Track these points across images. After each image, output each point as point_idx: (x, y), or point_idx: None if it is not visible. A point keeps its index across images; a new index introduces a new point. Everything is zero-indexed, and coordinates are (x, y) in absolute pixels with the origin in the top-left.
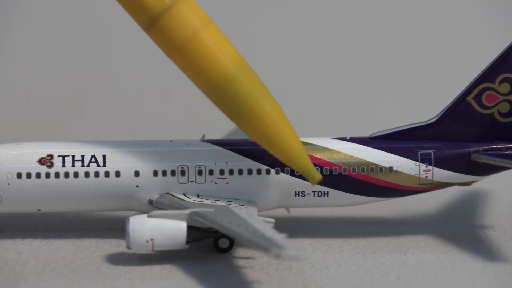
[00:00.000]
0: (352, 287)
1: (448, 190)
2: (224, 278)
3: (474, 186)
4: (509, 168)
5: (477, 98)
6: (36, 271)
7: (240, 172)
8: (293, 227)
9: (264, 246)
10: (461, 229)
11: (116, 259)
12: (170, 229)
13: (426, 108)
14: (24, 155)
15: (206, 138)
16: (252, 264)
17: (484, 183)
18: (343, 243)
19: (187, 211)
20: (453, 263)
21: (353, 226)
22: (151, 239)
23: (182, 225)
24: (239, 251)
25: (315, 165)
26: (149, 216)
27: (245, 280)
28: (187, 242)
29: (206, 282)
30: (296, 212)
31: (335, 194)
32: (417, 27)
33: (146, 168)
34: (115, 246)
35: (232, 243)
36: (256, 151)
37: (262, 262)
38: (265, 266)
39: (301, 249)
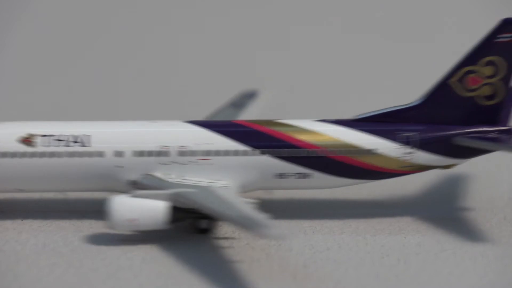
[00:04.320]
0: (352, 268)
1: (446, 173)
2: (226, 260)
3: (474, 169)
4: (491, 151)
5: (460, 81)
6: (36, 250)
7: (223, 153)
8: (293, 209)
9: (247, 225)
10: (462, 212)
11: (116, 240)
12: (152, 209)
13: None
14: (6, 134)
15: (188, 119)
16: (253, 245)
17: (484, 165)
18: (344, 226)
19: (169, 191)
20: (454, 245)
21: (353, 209)
22: (133, 219)
23: (164, 205)
24: (240, 233)
25: (297, 147)
26: (131, 196)
27: (246, 260)
28: (169, 222)
29: (207, 263)
30: (296, 194)
31: (317, 176)
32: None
33: (129, 148)
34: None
35: (213, 224)
36: (239, 132)
37: (262, 243)
38: (265, 247)
39: (302, 230)
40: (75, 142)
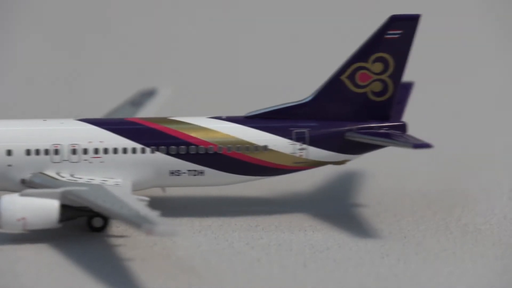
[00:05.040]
0: (352, 268)
1: (446, 174)
2: (225, 258)
3: (473, 170)
4: (382, 147)
5: (351, 77)
6: (36, 250)
7: (115, 151)
8: (292, 208)
9: (136, 222)
10: (462, 213)
11: (115, 239)
12: (42, 207)
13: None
14: None
15: (81, 117)
16: (253, 244)
17: (482, 166)
18: (344, 225)
19: (60, 190)
20: (454, 245)
21: (354, 208)
22: (23, 218)
23: (55, 204)
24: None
25: (190, 144)
26: (21, 195)
27: (247, 260)
28: (60, 221)
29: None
30: (296, 194)
31: (210, 173)
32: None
33: (18, 147)
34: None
35: (106, 222)
36: (132, 130)
37: (262, 243)
38: (265, 246)
39: (302, 230)
40: None
